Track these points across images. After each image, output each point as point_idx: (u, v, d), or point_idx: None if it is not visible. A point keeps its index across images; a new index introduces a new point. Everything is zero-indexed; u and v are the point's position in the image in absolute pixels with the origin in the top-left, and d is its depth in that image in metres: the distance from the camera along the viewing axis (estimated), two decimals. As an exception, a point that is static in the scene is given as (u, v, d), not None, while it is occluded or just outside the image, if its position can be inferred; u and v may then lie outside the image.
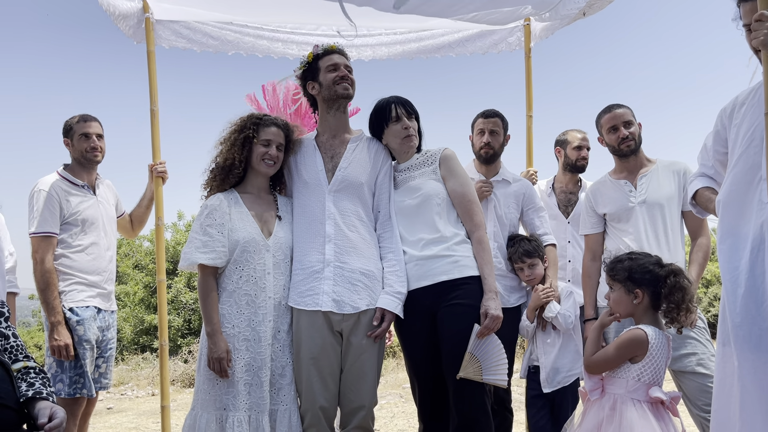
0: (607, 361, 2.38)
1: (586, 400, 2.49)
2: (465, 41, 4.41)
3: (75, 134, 3.51)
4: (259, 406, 2.65)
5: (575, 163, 3.85)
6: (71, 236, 3.39)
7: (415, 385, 2.90)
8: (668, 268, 2.45)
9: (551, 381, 3.12)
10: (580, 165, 3.86)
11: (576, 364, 3.12)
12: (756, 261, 2.14)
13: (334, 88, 2.87)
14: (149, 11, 3.71)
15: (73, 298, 3.35)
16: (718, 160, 2.50)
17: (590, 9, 3.64)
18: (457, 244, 2.82)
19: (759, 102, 2.24)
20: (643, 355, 2.34)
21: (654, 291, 2.43)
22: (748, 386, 2.12)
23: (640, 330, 2.37)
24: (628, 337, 2.37)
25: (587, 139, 3.90)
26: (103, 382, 3.53)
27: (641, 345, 2.34)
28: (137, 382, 8.21)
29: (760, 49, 1.94)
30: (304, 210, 2.86)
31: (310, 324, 2.72)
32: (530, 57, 4.21)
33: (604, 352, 2.40)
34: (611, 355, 2.38)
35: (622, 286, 2.46)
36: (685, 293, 2.41)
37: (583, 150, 3.86)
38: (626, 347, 2.36)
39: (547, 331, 3.18)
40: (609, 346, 2.41)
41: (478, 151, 3.45)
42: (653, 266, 2.47)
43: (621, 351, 2.37)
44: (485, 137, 3.41)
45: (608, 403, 2.37)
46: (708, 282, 12.19)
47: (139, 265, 11.64)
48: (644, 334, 2.35)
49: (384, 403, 6.31)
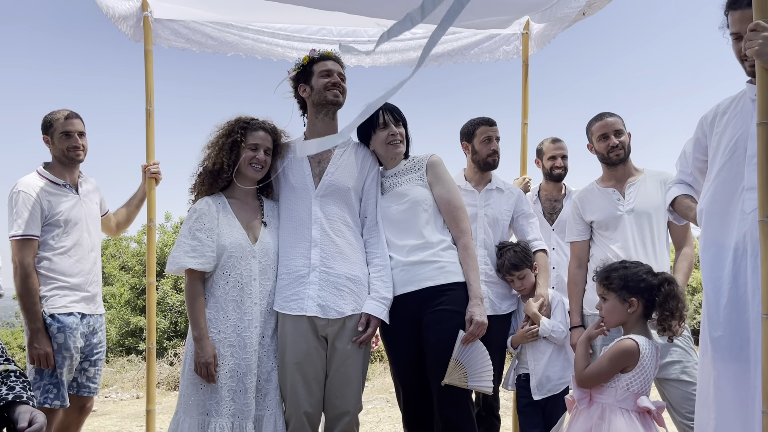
0: (601, 375, 2.37)
1: (574, 409, 2.49)
2: (463, 50, 4.43)
3: (56, 132, 3.35)
4: (243, 412, 2.63)
5: (551, 172, 3.97)
6: (53, 238, 3.25)
7: (400, 391, 2.90)
8: (661, 277, 2.46)
9: (542, 388, 3.12)
10: (556, 174, 3.96)
11: (567, 372, 3.12)
12: (738, 271, 2.16)
13: (324, 93, 2.87)
14: (148, 9, 3.69)
15: (54, 303, 3.21)
16: (697, 168, 2.52)
17: (590, 8, 3.60)
18: (443, 250, 2.83)
19: (743, 111, 2.25)
20: (634, 365, 2.35)
21: (648, 300, 2.44)
22: (726, 395, 2.14)
23: (631, 340, 2.37)
24: (621, 349, 2.36)
25: (562, 147, 3.98)
26: (91, 387, 3.42)
27: (633, 355, 2.35)
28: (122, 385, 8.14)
29: (755, 58, 1.94)
30: (291, 214, 2.86)
31: (295, 329, 2.71)
32: (528, 66, 4.24)
33: (598, 366, 2.38)
34: (605, 367, 2.37)
35: (616, 295, 2.45)
36: (679, 301, 2.42)
37: (557, 159, 3.95)
38: (619, 358, 2.36)
39: (538, 340, 3.17)
40: (602, 358, 2.40)
41: (485, 158, 3.41)
42: (647, 275, 2.47)
43: (614, 363, 2.36)
44: (494, 144, 3.41)
45: (597, 411, 2.37)
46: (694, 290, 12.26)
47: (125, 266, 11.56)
48: (636, 344, 2.36)
49: (370, 408, 6.29)
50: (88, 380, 3.41)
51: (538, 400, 3.12)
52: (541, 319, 3.11)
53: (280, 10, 3.77)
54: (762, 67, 1.94)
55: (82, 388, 3.39)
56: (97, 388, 3.48)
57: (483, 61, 4.45)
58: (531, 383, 3.14)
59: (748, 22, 1.99)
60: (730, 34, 2.24)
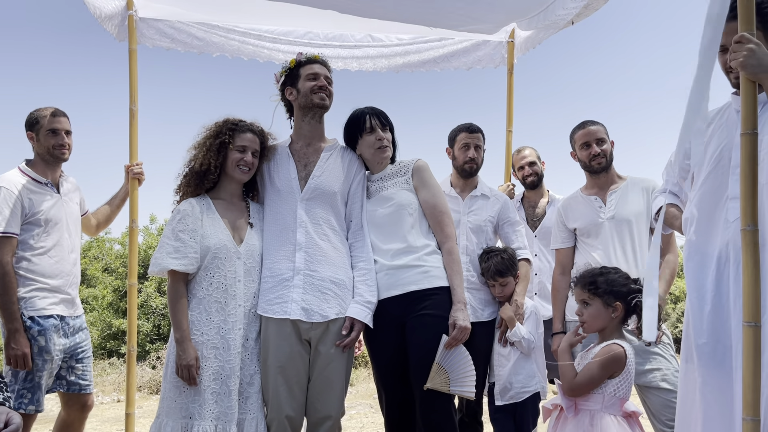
0: (593, 382, 2.38)
1: (557, 418, 2.48)
2: (450, 57, 4.47)
3: (42, 129, 3.29)
4: (226, 415, 2.61)
5: (524, 181, 4.05)
6: (33, 237, 3.18)
7: (382, 396, 2.89)
8: (641, 282, 2.50)
9: (504, 395, 3.13)
10: (529, 182, 4.06)
11: (531, 381, 3.12)
12: (721, 279, 2.18)
13: (310, 96, 2.86)
14: (133, 8, 3.67)
15: (34, 305, 3.14)
16: (683, 177, 2.55)
17: (578, 17, 3.63)
18: (427, 254, 2.83)
19: (728, 122, 2.28)
20: (621, 371, 2.37)
21: (629, 304, 2.47)
22: (711, 403, 2.15)
23: (618, 346, 2.39)
24: (611, 355, 2.37)
25: (526, 155, 4.05)
26: (82, 384, 3.34)
27: (621, 361, 2.37)
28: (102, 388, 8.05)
29: (740, 70, 1.97)
30: (276, 217, 2.85)
31: (278, 332, 2.69)
32: (512, 73, 4.27)
33: (589, 374, 2.38)
34: (597, 374, 2.37)
35: (601, 300, 2.47)
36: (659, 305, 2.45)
37: (525, 168, 4.02)
38: (610, 365, 2.37)
39: (506, 347, 3.18)
40: (591, 366, 2.39)
41: (462, 165, 3.45)
42: (627, 280, 2.52)
43: (605, 369, 2.37)
44: (470, 152, 3.42)
45: (586, 418, 2.37)
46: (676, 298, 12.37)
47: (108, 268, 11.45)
48: (623, 350, 2.39)
49: (354, 414, 6.27)
50: (78, 378, 3.34)
51: (502, 405, 3.12)
52: (515, 324, 3.12)
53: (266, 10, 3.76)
54: (746, 78, 1.97)
55: (73, 386, 3.32)
56: (89, 384, 3.40)
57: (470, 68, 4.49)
58: (495, 389, 3.16)
59: (733, 35, 2.02)
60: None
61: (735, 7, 2.02)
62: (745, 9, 1.97)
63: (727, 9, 1.98)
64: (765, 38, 2.12)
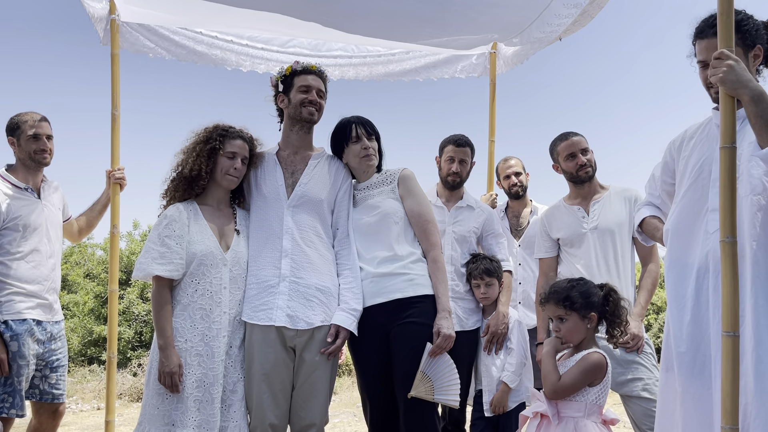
0: (575, 387, 2.40)
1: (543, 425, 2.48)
2: (431, 67, 4.52)
3: (23, 134, 3.28)
4: (209, 423, 2.59)
5: (509, 191, 4.07)
6: (10, 242, 3.16)
7: (366, 404, 2.90)
8: (606, 288, 2.53)
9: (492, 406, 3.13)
10: (514, 192, 4.07)
11: (519, 390, 3.14)
12: (701, 289, 2.22)
13: (300, 109, 2.87)
14: (116, 13, 3.66)
15: (9, 309, 3.11)
16: (665, 191, 2.59)
17: (565, 33, 3.66)
18: (412, 262, 2.84)
19: (708, 136, 2.33)
20: (601, 379, 2.41)
21: (600, 312, 2.50)
22: (690, 411, 2.19)
23: (599, 354, 2.42)
24: (593, 363, 2.40)
25: (512, 165, 4.07)
26: (55, 393, 3.32)
27: (602, 369, 2.41)
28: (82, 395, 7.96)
29: (719, 85, 2.02)
30: (262, 224, 2.85)
31: (262, 339, 2.69)
32: (495, 84, 4.31)
33: (572, 380, 2.39)
34: (579, 380, 2.39)
35: (577, 314, 2.47)
36: (624, 308, 2.52)
37: (511, 178, 4.04)
38: (591, 372, 2.39)
39: (492, 355, 3.20)
40: (574, 372, 2.40)
41: (445, 177, 3.47)
42: (596, 289, 2.53)
43: (587, 376, 2.39)
44: (455, 166, 3.43)
45: (570, 426, 2.39)
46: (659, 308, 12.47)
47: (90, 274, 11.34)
48: (604, 358, 2.42)
49: (337, 422, 6.25)
50: (50, 387, 3.31)
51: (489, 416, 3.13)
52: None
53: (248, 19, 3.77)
54: (725, 93, 2.01)
55: (45, 395, 3.29)
56: (62, 394, 3.38)
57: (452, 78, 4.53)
58: (483, 398, 3.16)
59: (713, 51, 2.07)
60: (697, 62, 2.32)
61: (715, 24, 2.07)
62: (725, 26, 2.02)
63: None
64: (744, 54, 2.19)
